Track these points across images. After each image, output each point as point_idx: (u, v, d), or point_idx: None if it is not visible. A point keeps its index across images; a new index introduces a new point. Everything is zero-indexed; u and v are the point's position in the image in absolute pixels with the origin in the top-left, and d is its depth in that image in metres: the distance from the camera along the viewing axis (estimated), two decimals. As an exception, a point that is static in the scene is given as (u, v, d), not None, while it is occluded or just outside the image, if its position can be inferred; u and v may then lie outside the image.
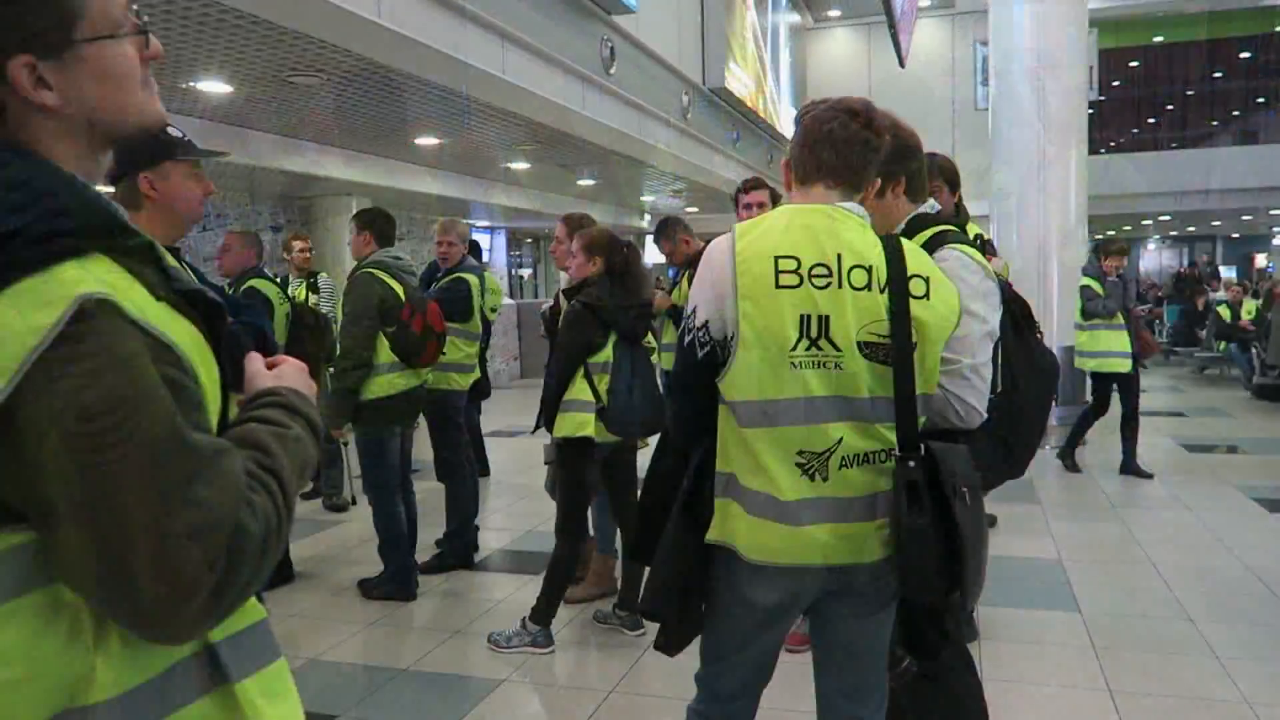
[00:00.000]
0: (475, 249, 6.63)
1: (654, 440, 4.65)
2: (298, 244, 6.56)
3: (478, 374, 5.17)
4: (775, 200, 4.50)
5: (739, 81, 12.60)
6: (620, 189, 13.11)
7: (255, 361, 1.09)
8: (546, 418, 3.67)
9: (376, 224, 4.29)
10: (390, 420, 4.25)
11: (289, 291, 5.58)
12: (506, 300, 12.43)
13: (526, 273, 19.37)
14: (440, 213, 12.02)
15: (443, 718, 3.19)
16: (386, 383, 4.16)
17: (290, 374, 1.09)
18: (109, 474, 0.82)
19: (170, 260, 0.98)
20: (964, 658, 2.34)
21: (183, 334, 0.91)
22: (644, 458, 4.23)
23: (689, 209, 15.81)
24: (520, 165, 10.12)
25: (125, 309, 0.85)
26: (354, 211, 10.20)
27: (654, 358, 3.95)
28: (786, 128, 15.97)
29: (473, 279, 4.98)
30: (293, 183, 8.96)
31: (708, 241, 4.99)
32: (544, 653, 3.67)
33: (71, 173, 0.92)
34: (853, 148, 1.81)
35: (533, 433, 4.39)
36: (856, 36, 19.93)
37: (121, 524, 0.82)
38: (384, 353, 4.17)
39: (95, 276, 0.85)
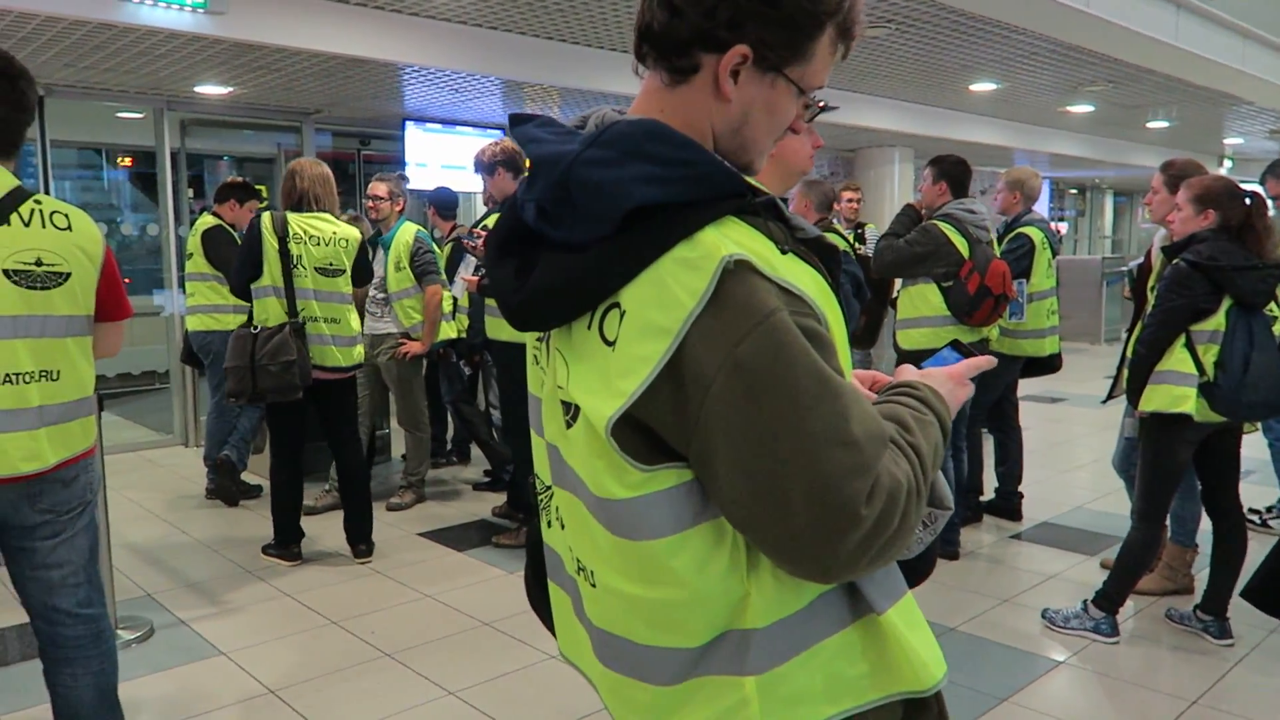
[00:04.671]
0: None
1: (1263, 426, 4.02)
2: (847, 194, 6.72)
3: (1055, 345, 4.78)
4: None
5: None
6: (1198, 131, 11.34)
7: (908, 371, 1.15)
8: (1132, 388, 3.31)
9: (952, 173, 4.17)
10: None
11: None
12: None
13: (1063, 226, 17.86)
14: (982, 162, 11.50)
15: (999, 686, 3.08)
16: (932, 334, 4.09)
17: (937, 377, 1.11)
18: (767, 420, 0.87)
19: (787, 212, 1.01)
20: None
21: (809, 283, 0.94)
22: (1248, 446, 3.66)
23: (1288, 153, 13.21)
24: (1081, 108, 9.22)
25: (760, 267, 0.89)
26: (897, 162, 10.30)
27: (1275, 328, 3.35)
28: None
29: (1035, 233, 4.67)
30: (841, 135, 9.17)
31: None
32: (1107, 642, 3.37)
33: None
34: None
35: (1104, 401, 4.02)
36: None
37: (781, 466, 0.87)
38: (936, 305, 4.10)
39: (731, 239, 0.90)
